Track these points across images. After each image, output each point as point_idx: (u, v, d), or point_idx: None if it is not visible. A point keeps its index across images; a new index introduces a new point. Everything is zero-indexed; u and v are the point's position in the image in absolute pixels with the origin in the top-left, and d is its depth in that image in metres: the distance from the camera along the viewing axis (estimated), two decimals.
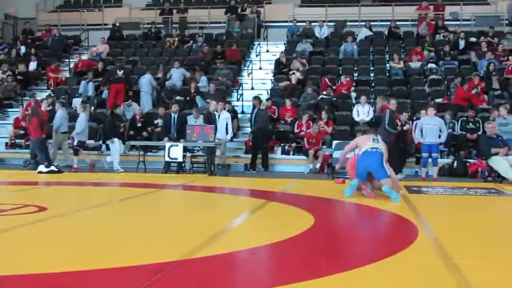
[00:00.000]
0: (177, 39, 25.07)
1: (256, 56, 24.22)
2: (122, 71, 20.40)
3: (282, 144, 17.60)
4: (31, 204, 8.54)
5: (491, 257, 5.63)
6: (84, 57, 24.25)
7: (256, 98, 17.50)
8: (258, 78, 22.43)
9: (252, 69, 22.65)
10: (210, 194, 11.40)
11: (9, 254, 5.41)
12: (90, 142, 17.96)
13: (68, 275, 4.64)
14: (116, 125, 16.85)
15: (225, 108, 17.01)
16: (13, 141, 19.08)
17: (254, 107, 17.22)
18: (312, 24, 24.94)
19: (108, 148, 17.08)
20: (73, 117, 19.51)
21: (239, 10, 26.81)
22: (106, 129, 17.26)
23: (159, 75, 21.61)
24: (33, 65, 23.87)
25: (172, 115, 16.29)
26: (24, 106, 20.28)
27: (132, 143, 17.51)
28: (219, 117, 16.37)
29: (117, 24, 26.84)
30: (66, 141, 16.47)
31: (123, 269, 4.84)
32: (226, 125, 16.41)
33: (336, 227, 7.82)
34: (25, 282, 4.45)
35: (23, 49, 25.57)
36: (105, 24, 28.05)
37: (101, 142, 18.28)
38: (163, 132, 16.28)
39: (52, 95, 20.91)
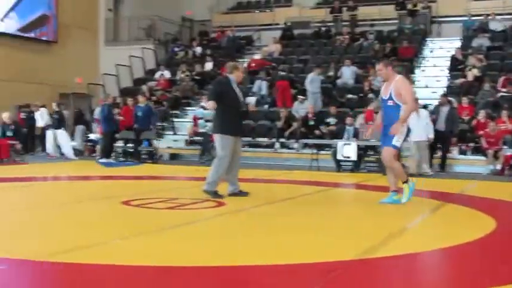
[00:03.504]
0: (347, 37, 25.00)
1: (430, 52, 23.62)
2: (284, 69, 20.74)
3: (459, 144, 16.99)
4: (210, 199, 8.80)
5: None
6: (257, 56, 24.80)
7: (445, 96, 16.88)
8: (431, 76, 21.87)
9: (425, 66, 22.15)
10: (384, 194, 11.25)
11: (188, 247, 5.57)
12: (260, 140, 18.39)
13: (241, 269, 4.72)
14: None
15: None
16: (192, 138, 19.92)
17: (440, 105, 16.54)
18: (489, 17, 23.90)
19: None
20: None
21: (410, 6, 26.27)
22: None
23: (330, 73, 21.68)
24: (209, 65, 24.78)
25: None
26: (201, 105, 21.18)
27: (304, 141, 17.68)
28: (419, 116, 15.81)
29: (288, 24, 27.22)
30: None
31: (296, 266, 4.85)
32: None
33: None
34: (202, 274, 4.56)
35: (198, 50, 26.60)
36: (277, 24, 28.54)
37: (274, 140, 18.65)
38: None
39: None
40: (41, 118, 20.34)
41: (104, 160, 17.32)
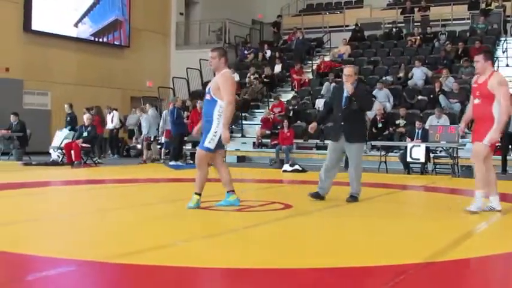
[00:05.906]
0: (418, 37, 24.63)
1: (503, 52, 23.02)
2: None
3: None
4: (277, 202, 8.76)
5: None
6: (327, 58, 24.75)
7: None
8: (505, 76, 21.23)
9: (498, 67, 21.60)
10: (453, 196, 11.06)
11: (255, 248, 5.58)
12: None
13: (308, 271, 4.68)
14: None
15: None
16: (260, 141, 20.01)
17: None
18: None
19: None
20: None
21: (483, 5, 25.70)
22: None
23: (400, 74, 21.42)
24: (278, 68, 24.84)
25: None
26: (270, 107, 21.28)
27: (373, 143, 17.49)
28: None
29: (359, 25, 27.03)
30: None
31: (364, 268, 4.81)
32: None
33: None
34: (269, 276, 4.55)
35: (268, 53, 26.68)
36: (347, 26, 28.40)
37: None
38: None
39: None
40: (111, 121, 20.87)
41: (173, 163, 17.54)
